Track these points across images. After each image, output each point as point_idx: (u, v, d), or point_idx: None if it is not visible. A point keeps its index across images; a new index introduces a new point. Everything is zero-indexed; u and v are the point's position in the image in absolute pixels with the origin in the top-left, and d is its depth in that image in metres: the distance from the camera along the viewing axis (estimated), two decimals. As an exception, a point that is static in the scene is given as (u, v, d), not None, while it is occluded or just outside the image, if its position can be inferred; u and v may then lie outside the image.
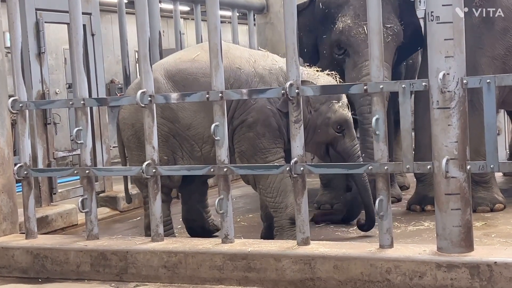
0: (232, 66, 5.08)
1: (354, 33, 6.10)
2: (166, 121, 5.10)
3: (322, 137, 5.17)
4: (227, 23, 12.83)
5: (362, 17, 6.15)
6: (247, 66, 5.10)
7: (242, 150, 5.08)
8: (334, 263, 3.99)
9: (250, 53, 5.22)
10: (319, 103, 5.10)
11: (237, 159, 5.11)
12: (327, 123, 5.12)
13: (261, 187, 5.07)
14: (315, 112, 5.10)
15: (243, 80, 5.05)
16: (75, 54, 4.82)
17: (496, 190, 6.23)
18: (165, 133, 5.10)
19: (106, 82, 12.61)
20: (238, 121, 5.05)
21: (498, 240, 5.05)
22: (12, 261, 4.81)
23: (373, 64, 4.00)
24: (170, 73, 5.12)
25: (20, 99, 4.95)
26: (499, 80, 3.75)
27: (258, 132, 5.00)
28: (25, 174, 4.91)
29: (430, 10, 3.79)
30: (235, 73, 5.06)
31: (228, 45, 5.35)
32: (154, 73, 5.10)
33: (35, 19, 6.58)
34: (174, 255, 4.38)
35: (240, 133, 5.06)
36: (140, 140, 5.08)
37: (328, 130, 5.13)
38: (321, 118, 5.10)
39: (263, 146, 5.01)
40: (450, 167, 3.75)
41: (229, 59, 5.09)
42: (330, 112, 5.10)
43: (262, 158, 5.02)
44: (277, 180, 5.00)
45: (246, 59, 5.13)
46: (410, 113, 3.95)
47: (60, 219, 6.46)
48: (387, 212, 4.00)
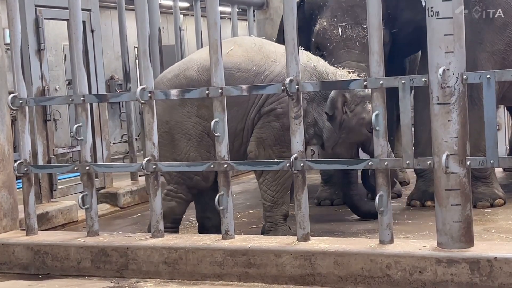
0: (268, 60, 5.13)
1: (329, 36, 6.11)
2: (201, 119, 5.08)
3: (356, 138, 5.25)
4: (226, 19, 12.81)
5: (339, 18, 6.16)
6: (283, 60, 5.10)
7: (262, 137, 5.09)
8: (334, 259, 3.99)
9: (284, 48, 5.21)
10: (355, 104, 5.17)
11: (252, 143, 5.11)
12: (361, 123, 5.20)
13: (267, 179, 5.09)
14: (351, 112, 5.16)
15: (277, 72, 5.07)
16: (75, 50, 4.82)
17: (496, 186, 6.23)
18: (199, 132, 5.09)
19: (106, 79, 12.60)
20: (268, 109, 5.07)
21: (498, 236, 5.05)
22: (12, 257, 4.81)
23: (372, 59, 4.00)
24: (204, 68, 5.06)
25: (20, 96, 4.95)
26: (499, 76, 3.75)
27: (284, 124, 4.98)
28: (25, 171, 4.91)
29: (430, 5, 3.79)
30: (270, 66, 5.10)
31: (262, 41, 5.43)
32: (188, 71, 5.13)
33: (35, 15, 6.58)
34: (175, 251, 4.38)
35: (266, 120, 5.08)
36: (174, 138, 5.09)
37: (362, 130, 5.22)
38: (355, 118, 5.18)
39: (283, 139, 5.00)
40: (450, 163, 3.75)
41: (263, 53, 5.16)
42: (364, 112, 5.17)
43: (280, 151, 5.04)
44: (285, 176, 5.03)
45: (281, 54, 5.13)
46: (410, 108, 3.95)
47: (61, 216, 6.46)
48: (387, 208, 4.00)
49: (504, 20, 6.07)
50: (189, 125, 5.08)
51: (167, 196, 5.20)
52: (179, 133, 5.09)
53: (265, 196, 5.14)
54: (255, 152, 5.10)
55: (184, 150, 5.09)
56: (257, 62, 5.12)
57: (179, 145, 5.08)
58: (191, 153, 5.08)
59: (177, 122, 5.09)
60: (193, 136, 5.08)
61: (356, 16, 6.14)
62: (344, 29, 6.11)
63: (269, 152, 5.06)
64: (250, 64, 5.10)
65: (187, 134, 5.08)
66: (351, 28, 6.12)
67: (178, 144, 5.08)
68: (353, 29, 6.12)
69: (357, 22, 6.12)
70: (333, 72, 5.21)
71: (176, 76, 5.17)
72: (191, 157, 5.07)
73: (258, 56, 5.14)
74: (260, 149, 5.08)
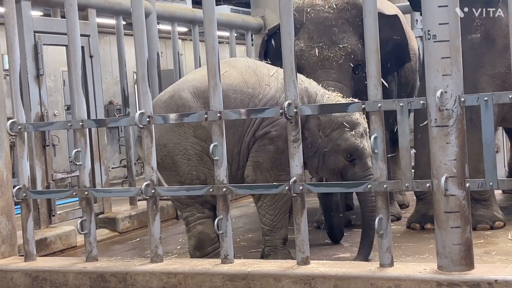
0: (261, 83, 5.13)
1: (306, 56, 6.13)
2: (199, 140, 5.07)
3: (332, 164, 5.15)
4: (225, 43, 12.88)
5: (316, 39, 6.18)
6: (275, 83, 5.13)
7: (258, 161, 5.07)
8: (334, 283, 3.97)
9: (278, 71, 5.21)
10: (330, 129, 5.10)
11: (249, 167, 5.10)
12: (337, 150, 5.10)
13: (265, 203, 5.08)
14: (326, 137, 5.10)
15: (271, 95, 5.08)
16: (74, 75, 4.83)
17: (496, 208, 6.22)
18: (198, 152, 5.08)
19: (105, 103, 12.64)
20: (262, 132, 5.06)
21: (498, 258, 5.04)
22: (11, 283, 4.78)
23: (370, 83, 4.01)
24: (199, 90, 5.10)
25: (19, 121, 4.95)
26: (496, 98, 3.76)
27: (279, 147, 4.98)
28: (24, 196, 4.90)
29: (427, 28, 3.81)
30: (264, 89, 5.11)
31: (256, 63, 5.42)
32: (183, 92, 5.13)
33: (34, 41, 6.61)
34: (174, 276, 4.35)
35: (261, 144, 5.06)
36: (174, 160, 5.09)
37: (338, 157, 5.12)
38: (331, 144, 5.10)
39: (280, 163, 4.99)
40: (449, 185, 3.75)
41: (257, 76, 5.16)
42: (340, 139, 5.09)
43: (277, 174, 5.02)
44: (283, 200, 5.01)
45: (275, 77, 5.17)
46: (408, 131, 3.95)
47: (59, 241, 6.44)
48: (387, 231, 3.99)
49: (505, 43, 6.09)
50: (187, 146, 5.08)
51: (188, 225, 5.20)
52: (178, 155, 5.09)
53: (264, 220, 5.13)
54: (252, 177, 5.08)
55: (186, 171, 5.08)
56: (252, 84, 5.12)
57: (181, 166, 5.08)
58: (193, 172, 5.08)
59: (175, 144, 5.09)
60: (192, 155, 5.07)
61: (332, 36, 6.17)
62: (321, 49, 6.14)
63: (266, 176, 5.04)
64: (245, 87, 5.11)
65: (186, 155, 5.08)
66: (328, 48, 6.15)
67: (180, 166, 5.08)
68: (329, 49, 6.14)
69: (333, 42, 6.15)
70: (322, 94, 5.21)
71: (171, 98, 5.18)
72: (194, 176, 5.07)
73: (252, 79, 5.15)
74: (258, 173, 5.07)
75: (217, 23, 4.47)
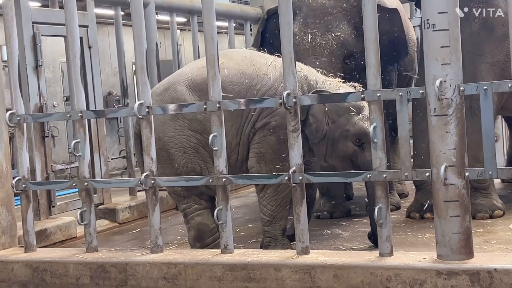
0: (259, 73, 5.10)
1: (298, 41, 6.11)
2: (194, 132, 5.06)
3: (342, 151, 5.12)
4: (223, 33, 12.86)
5: (310, 24, 6.17)
6: (274, 72, 5.10)
7: (261, 152, 5.06)
8: (334, 272, 3.98)
9: (276, 60, 5.19)
10: (337, 115, 5.06)
11: (253, 159, 5.09)
12: (346, 136, 5.07)
13: (267, 193, 5.08)
14: (333, 124, 5.06)
15: (270, 85, 5.07)
16: (72, 66, 4.82)
17: (495, 197, 6.23)
18: (194, 144, 5.07)
19: (104, 94, 12.65)
20: (262, 123, 5.04)
21: (498, 247, 5.05)
22: (11, 274, 4.79)
23: (369, 72, 4.00)
24: (195, 82, 5.08)
25: (18, 113, 4.95)
26: (495, 87, 3.75)
27: (279, 137, 4.96)
28: (23, 187, 4.91)
29: (426, 18, 3.80)
30: (262, 79, 5.08)
31: (253, 53, 5.40)
32: (178, 85, 5.12)
33: (32, 32, 6.60)
34: (174, 266, 4.36)
35: (262, 135, 5.05)
36: (169, 153, 5.08)
37: (347, 143, 5.09)
38: (339, 130, 5.07)
39: (282, 152, 4.95)
40: (448, 174, 3.75)
41: (255, 66, 5.13)
42: (348, 124, 5.05)
43: (281, 164, 4.99)
44: (285, 191, 5.00)
45: (273, 66, 5.14)
46: (407, 120, 3.95)
47: (59, 232, 6.45)
48: (386, 220, 3.99)
49: (504, 31, 6.07)
50: (182, 139, 5.07)
51: (187, 216, 5.20)
52: (173, 148, 5.07)
53: (265, 210, 5.13)
54: (256, 168, 5.08)
55: (182, 163, 5.07)
56: (249, 75, 5.10)
57: (176, 159, 5.07)
58: (188, 165, 5.07)
59: (170, 137, 5.07)
60: (187, 148, 5.06)
61: (327, 24, 6.16)
62: (314, 36, 6.13)
63: (270, 167, 5.03)
64: (242, 77, 5.09)
65: (181, 148, 5.07)
66: (321, 35, 6.14)
67: (175, 159, 5.07)
68: (323, 37, 6.14)
69: (327, 30, 6.14)
70: (323, 81, 5.18)
71: (166, 90, 5.16)
72: (190, 169, 5.07)
73: (249, 69, 5.13)
74: (262, 164, 5.06)
75: (215, 13, 4.47)
